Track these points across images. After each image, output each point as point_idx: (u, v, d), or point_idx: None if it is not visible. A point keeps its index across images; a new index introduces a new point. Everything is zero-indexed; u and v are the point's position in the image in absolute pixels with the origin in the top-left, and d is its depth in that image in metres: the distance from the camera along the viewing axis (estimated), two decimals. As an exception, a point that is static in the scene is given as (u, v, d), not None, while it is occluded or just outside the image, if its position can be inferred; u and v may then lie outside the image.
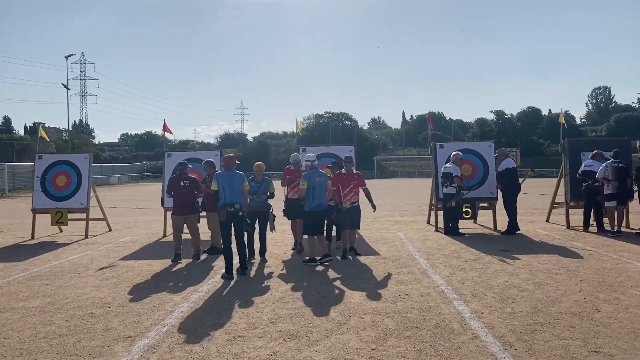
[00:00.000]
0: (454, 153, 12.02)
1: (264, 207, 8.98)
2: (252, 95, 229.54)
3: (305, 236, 9.25)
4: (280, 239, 11.29)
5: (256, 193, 8.93)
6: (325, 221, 9.34)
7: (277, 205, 9.55)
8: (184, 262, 9.12)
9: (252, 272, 8.24)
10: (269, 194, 9.04)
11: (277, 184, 9.63)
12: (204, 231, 10.38)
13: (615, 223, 11.28)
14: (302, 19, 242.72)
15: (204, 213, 10.23)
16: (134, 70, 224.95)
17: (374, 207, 9.72)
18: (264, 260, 8.98)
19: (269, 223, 9.04)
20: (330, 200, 9.11)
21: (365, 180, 9.64)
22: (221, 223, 8.07)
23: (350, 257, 9.15)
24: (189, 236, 9.60)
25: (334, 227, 10.17)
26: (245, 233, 8.33)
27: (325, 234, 9.34)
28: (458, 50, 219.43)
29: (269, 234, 9.37)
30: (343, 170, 9.29)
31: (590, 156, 12.19)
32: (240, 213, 7.96)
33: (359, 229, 9.39)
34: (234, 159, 8.24)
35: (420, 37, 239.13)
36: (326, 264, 8.54)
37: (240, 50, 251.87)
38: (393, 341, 4.94)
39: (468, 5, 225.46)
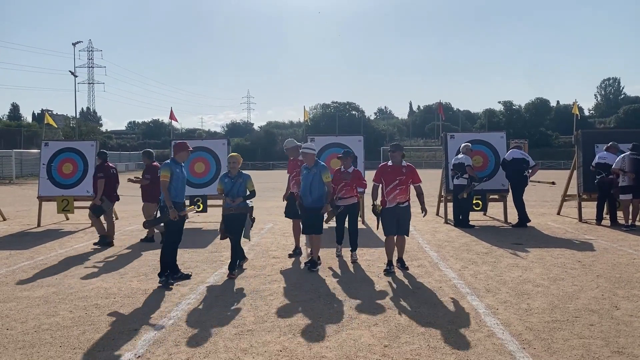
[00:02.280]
0: (463, 144, 11.82)
1: (241, 209, 7.22)
2: (258, 84, 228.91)
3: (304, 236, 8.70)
4: (283, 240, 11.14)
5: (230, 193, 7.17)
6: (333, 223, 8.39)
7: (277, 206, 9.28)
8: (190, 254, 8.98)
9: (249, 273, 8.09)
10: (248, 192, 7.27)
11: (282, 175, 9.42)
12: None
13: (630, 217, 11.05)
14: (307, 7, 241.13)
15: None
16: (141, 58, 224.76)
17: (424, 210, 7.44)
18: (234, 275, 7.17)
19: (244, 229, 7.34)
20: (337, 197, 7.91)
21: (420, 176, 7.48)
22: (168, 225, 6.89)
23: (395, 270, 7.39)
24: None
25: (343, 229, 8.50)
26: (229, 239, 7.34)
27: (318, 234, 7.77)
28: (466, 41, 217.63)
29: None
30: (389, 163, 7.44)
31: (604, 148, 11.93)
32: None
33: (407, 235, 7.52)
34: (186, 146, 7.00)
35: (428, 27, 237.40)
36: (314, 269, 7.47)
37: (248, 39, 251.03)
38: (406, 337, 4.78)
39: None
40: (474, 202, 11.98)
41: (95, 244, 9.82)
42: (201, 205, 12.48)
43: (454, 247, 9.21)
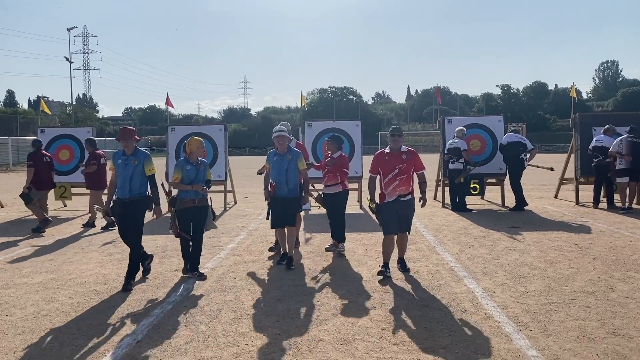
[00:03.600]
0: (458, 128, 11.81)
1: (202, 201, 6.48)
2: (255, 69, 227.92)
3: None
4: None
5: (194, 183, 6.38)
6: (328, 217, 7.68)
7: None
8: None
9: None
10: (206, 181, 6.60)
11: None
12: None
13: (627, 199, 11.09)
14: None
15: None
16: (137, 43, 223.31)
17: (423, 200, 6.37)
18: (197, 277, 6.40)
19: (206, 222, 6.62)
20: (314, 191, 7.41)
21: (423, 163, 6.46)
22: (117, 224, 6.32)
23: (386, 273, 6.27)
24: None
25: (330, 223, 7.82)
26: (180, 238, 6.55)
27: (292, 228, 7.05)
28: (464, 24, 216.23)
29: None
30: (386, 150, 6.40)
31: (602, 131, 11.92)
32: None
33: (409, 232, 6.56)
34: (133, 133, 6.16)
35: (426, 10, 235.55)
36: (292, 267, 6.77)
37: (244, 24, 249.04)
38: (404, 321, 4.81)
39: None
40: (472, 186, 12.00)
41: (32, 230, 9.98)
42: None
43: (451, 231, 9.24)
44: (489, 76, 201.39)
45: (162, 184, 6.41)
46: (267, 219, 7.04)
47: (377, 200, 6.43)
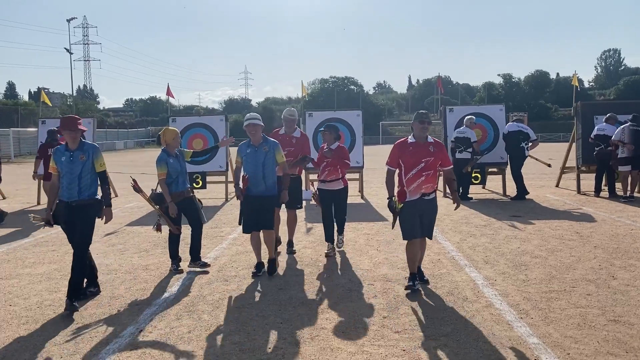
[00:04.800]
0: (467, 117, 11.77)
1: (188, 192, 6.26)
2: (256, 60, 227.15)
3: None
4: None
5: (182, 174, 6.15)
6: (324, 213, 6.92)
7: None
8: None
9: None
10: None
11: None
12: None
13: (628, 188, 11.08)
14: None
15: None
16: (137, 34, 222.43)
17: (457, 201, 5.47)
18: (201, 266, 6.32)
19: (200, 213, 6.33)
20: (319, 180, 6.83)
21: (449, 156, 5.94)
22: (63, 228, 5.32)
23: (415, 286, 5.34)
24: None
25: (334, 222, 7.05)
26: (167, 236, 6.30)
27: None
28: (465, 12, 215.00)
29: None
30: (409, 139, 5.35)
31: (603, 120, 11.88)
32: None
33: (431, 237, 5.54)
34: (77, 122, 5.16)
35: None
36: (259, 274, 5.99)
37: (244, 14, 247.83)
38: (405, 309, 4.83)
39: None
40: (473, 175, 12.00)
41: None
42: (200, 182, 12.49)
43: (452, 220, 9.25)
44: (491, 65, 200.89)
45: (135, 183, 6.02)
46: (240, 223, 6.04)
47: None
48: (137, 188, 5.99)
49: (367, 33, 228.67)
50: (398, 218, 5.34)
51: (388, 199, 5.38)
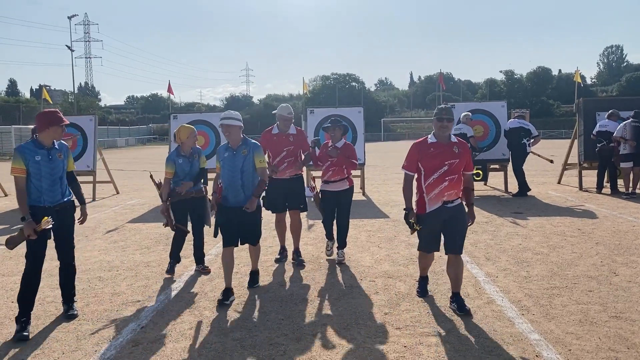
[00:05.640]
0: (463, 114, 11.78)
1: (199, 192, 5.99)
2: (257, 57, 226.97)
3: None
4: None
5: (189, 176, 5.88)
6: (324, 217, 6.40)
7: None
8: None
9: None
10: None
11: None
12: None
13: (630, 184, 11.06)
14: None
15: None
16: (138, 32, 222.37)
17: (471, 216, 5.00)
18: (203, 270, 6.09)
19: (206, 216, 6.05)
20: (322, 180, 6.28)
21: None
22: (30, 245, 4.85)
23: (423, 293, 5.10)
24: None
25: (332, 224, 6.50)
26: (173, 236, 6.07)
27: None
28: (467, 9, 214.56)
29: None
30: (429, 138, 4.71)
31: (605, 116, 11.86)
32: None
33: (461, 252, 4.79)
34: (56, 115, 4.64)
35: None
36: (227, 303, 4.97)
37: (245, 11, 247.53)
38: (406, 305, 4.83)
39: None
40: (475, 172, 11.97)
41: None
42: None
43: (454, 217, 9.23)
44: (492, 62, 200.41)
45: (151, 176, 6.21)
46: (215, 236, 5.21)
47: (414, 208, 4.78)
48: (157, 183, 6.07)
49: (368, 30, 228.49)
50: (417, 233, 4.84)
51: (405, 210, 4.77)
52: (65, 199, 4.79)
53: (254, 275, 5.60)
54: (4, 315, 4.83)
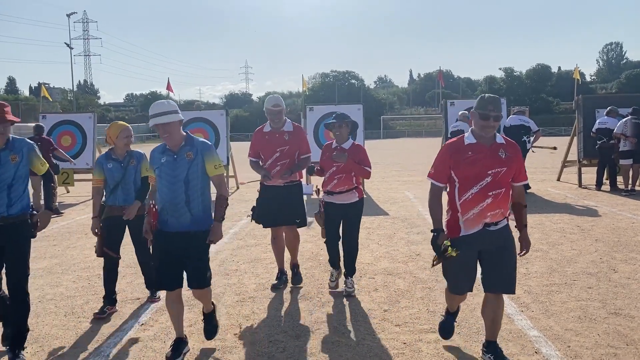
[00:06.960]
0: (461, 112, 11.78)
1: (143, 208, 4.70)
2: (256, 54, 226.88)
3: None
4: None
5: (122, 184, 4.71)
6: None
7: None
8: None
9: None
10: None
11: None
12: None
13: (630, 181, 11.07)
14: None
15: None
16: (137, 29, 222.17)
17: (526, 244, 3.60)
18: (150, 297, 5.10)
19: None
20: (325, 190, 4.99)
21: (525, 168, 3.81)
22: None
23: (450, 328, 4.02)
24: None
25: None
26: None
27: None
28: (466, 6, 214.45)
29: None
30: (466, 138, 3.54)
31: (605, 113, 11.86)
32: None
33: (511, 291, 3.57)
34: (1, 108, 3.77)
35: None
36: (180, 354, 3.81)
37: (245, 8, 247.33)
38: (406, 302, 4.84)
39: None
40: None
41: None
42: None
43: (453, 214, 9.23)
44: (492, 59, 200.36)
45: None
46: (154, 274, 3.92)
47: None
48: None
49: (368, 27, 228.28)
50: (447, 265, 3.62)
51: (433, 232, 3.61)
52: (12, 212, 3.72)
53: (209, 318, 4.04)
54: (4, 313, 4.82)
